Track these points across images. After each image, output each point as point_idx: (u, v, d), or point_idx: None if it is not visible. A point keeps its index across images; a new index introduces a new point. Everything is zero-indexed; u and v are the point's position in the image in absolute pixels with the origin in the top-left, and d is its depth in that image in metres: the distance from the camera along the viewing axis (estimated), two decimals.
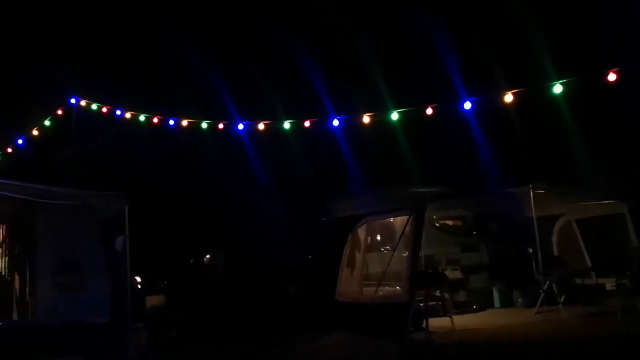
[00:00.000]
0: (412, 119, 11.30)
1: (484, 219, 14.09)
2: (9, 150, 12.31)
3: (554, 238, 13.75)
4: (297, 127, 11.92)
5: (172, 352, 10.73)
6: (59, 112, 13.14)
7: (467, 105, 10.55)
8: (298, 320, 11.55)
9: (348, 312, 11.43)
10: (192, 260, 15.62)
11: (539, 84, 10.32)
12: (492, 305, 13.27)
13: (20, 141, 12.53)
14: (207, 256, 15.29)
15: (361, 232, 12.45)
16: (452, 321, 11.00)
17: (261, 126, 11.98)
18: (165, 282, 14.00)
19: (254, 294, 12.70)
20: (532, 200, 12.20)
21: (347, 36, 15.55)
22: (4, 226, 12.25)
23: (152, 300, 12.58)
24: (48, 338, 9.72)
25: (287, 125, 11.77)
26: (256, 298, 12.50)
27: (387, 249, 12.08)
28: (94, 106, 13.16)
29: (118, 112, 12.86)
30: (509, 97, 10.26)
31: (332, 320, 11.24)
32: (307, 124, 11.66)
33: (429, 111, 10.83)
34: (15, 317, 11.58)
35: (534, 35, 13.57)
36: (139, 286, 13.06)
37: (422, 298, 10.90)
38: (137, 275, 12.89)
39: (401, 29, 15.29)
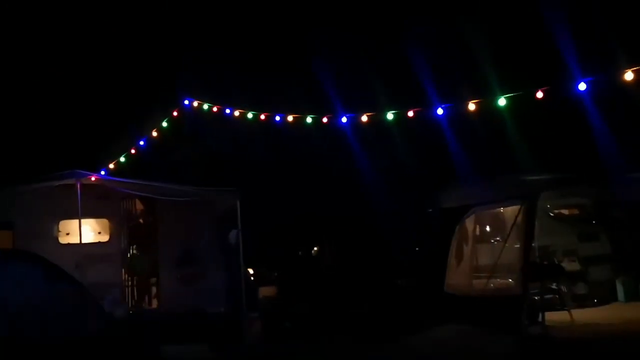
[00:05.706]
0: (523, 103, 10.71)
1: (606, 206, 13.21)
2: (132, 151, 13.16)
3: None
4: (401, 117, 11.74)
5: (287, 343, 11.05)
6: (175, 113, 13.87)
7: (582, 86, 9.86)
8: (407, 312, 11.51)
9: (458, 304, 11.23)
10: (300, 252, 16.02)
11: None
12: (615, 299, 12.47)
13: (141, 142, 13.34)
14: (315, 248, 15.63)
15: (469, 223, 12.15)
16: (570, 315, 10.53)
17: (364, 118, 11.93)
18: (276, 274, 14.48)
19: (364, 286, 12.81)
20: None
21: (452, 20, 15.08)
22: (131, 221, 13.24)
23: (265, 291, 13.04)
24: (174, 325, 10.34)
25: (390, 116, 11.63)
26: (366, 290, 12.59)
27: (497, 240, 11.72)
28: (205, 106, 13.75)
29: (227, 111, 13.35)
30: (629, 76, 9.46)
31: (442, 313, 11.11)
32: (410, 114, 11.44)
33: (540, 95, 10.22)
34: (143, 305, 12.48)
35: None
36: (252, 278, 13.60)
37: (536, 291, 10.50)
38: (250, 267, 13.43)
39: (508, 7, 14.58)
